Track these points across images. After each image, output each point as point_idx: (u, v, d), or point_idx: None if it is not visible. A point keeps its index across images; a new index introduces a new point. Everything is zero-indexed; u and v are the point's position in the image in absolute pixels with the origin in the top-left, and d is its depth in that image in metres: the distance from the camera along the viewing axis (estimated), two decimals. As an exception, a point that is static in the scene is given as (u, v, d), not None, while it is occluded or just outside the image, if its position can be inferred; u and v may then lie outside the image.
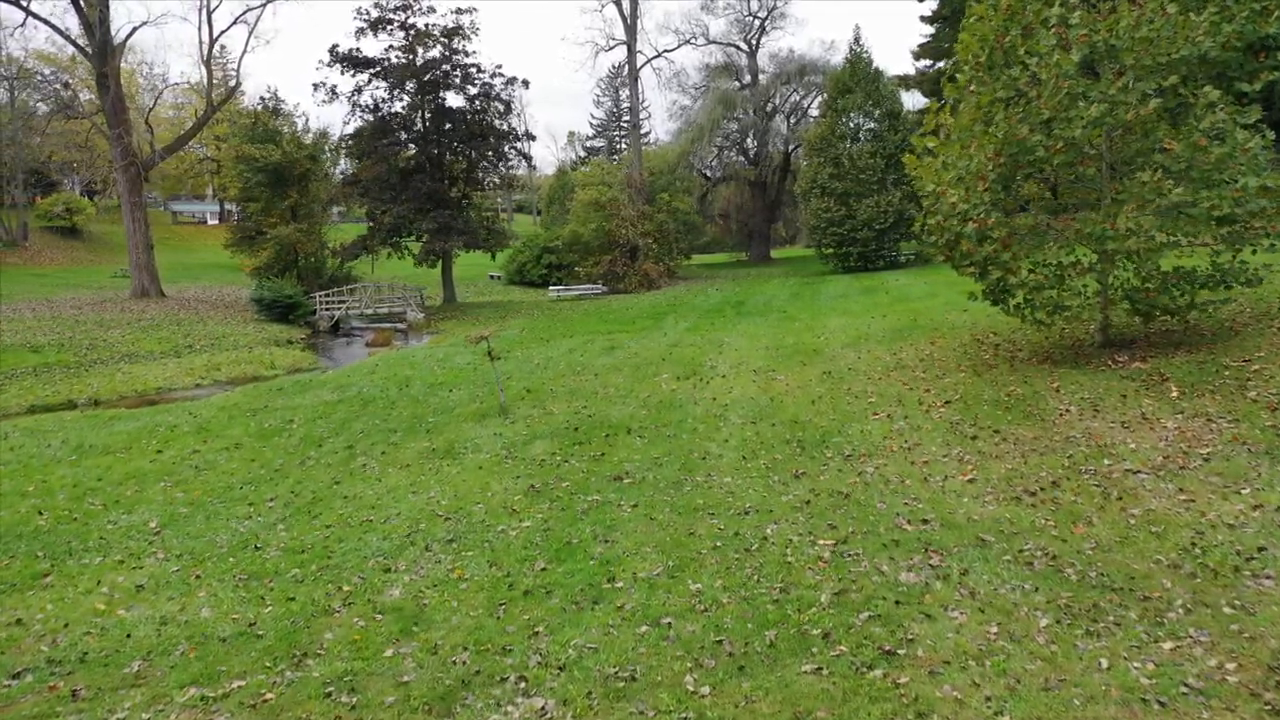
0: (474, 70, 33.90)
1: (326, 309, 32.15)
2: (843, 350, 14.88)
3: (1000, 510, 6.79)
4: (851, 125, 37.99)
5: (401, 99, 33.98)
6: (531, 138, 38.02)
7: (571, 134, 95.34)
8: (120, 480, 10.04)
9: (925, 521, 6.67)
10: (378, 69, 33.20)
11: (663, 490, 8.09)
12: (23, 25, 34.54)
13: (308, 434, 11.78)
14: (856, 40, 38.74)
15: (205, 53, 35.92)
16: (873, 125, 37.71)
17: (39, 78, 51.00)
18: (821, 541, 6.48)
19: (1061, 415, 9.21)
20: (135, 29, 38.94)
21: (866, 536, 6.51)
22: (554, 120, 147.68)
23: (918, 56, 53.11)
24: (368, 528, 7.72)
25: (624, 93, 73.38)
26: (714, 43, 54.42)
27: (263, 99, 41.26)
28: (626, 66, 47.91)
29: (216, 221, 75.13)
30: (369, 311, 33.48)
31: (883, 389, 11.56)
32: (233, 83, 46.29)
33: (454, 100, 34.95)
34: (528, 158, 37.63)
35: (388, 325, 32.19)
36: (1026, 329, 14.48)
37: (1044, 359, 12.06)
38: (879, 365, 13.19)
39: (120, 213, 35.82)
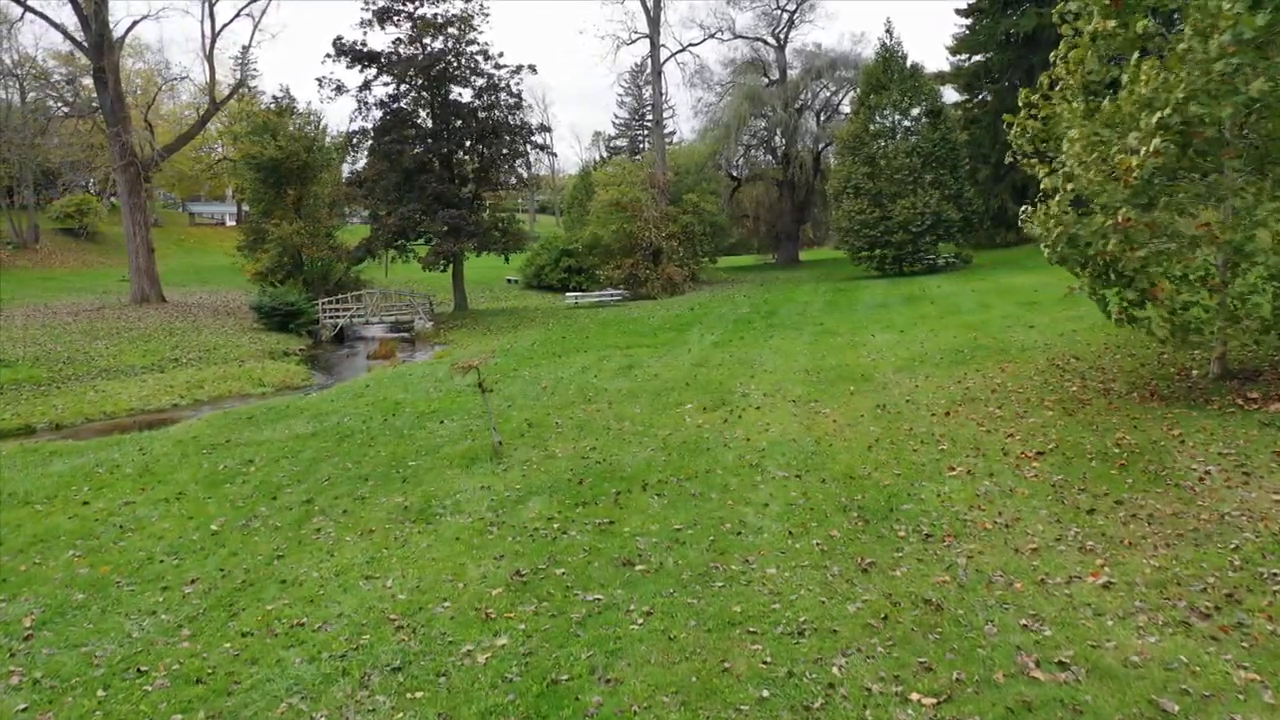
0: (480, 59, 32.06)
1: (330, 317, 30.47)
2: (895, 376, 12.84)
3: (1167, 646, 4.76)
4: (886, 123, 35.74)
5: (408, 94, 32.20)
6: (546, 130, 36.02)
7: (596, 134, 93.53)
8: (25, 545, 8.23)
9: (1062, 665, 4.66)
10: (383, 62, 31.44)
11: (686, 585, 6.14)
12: (21, 19, 32.81)
13: (265, 480, 9.93)
14: (888, 32, 36.38)
15: (208, 47, 34.44)
16: (909, 123, 35.44)
17: (55, 77, 49.92)
18: (915, 696, 4.49)
19: (1200, 479, 7.15)
20: (135, 23, 37.55)
21: (980, 689, 4.52)
22: (579, 120, 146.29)
23: (953, 51, 50.80)
24: (295, 639, 5.82)
25: (647, 91, 71.39)
26: (740, 37, 52.40)
27: (275, 98, 39.80)
28: (649, 62, 45.90)
29: (234, 223, 74.02)
30: (375, 320, 31.75)
31: (953, 431, 9.53)
32: (251, 81, 45.04)
33: (462, 95, 33.19)
34: (544, 148, 35.65)
35: (394, 335, 30.47)
36: (1116, 353, 12.40)
37: (1149, 394, 9.98)
38: (943, 397, 11.15)
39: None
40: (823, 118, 53.75)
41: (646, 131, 78.47)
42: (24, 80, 49.20)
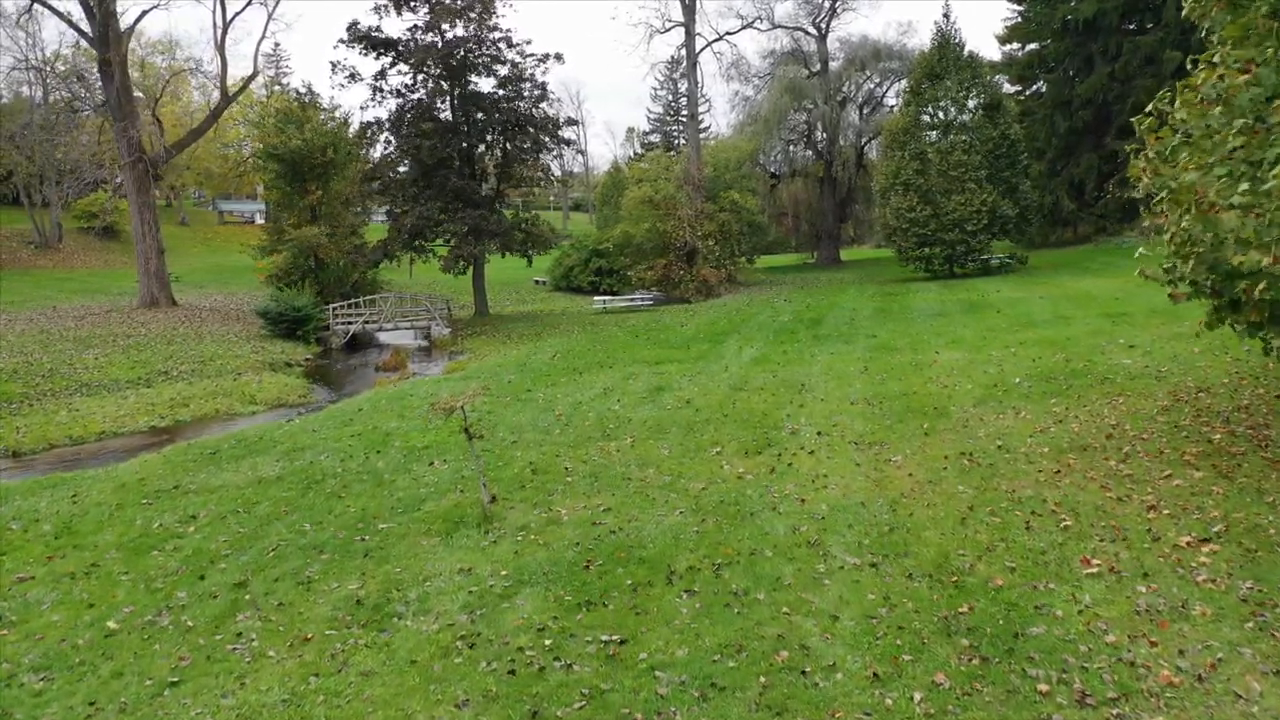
0: (503, 46, 30.13)
1: (341, 323, 28.73)
2: (977, 410, 10.62)
3: None
4: (940, 116, 33.13)
5: (426, 84, 30.34)
6: (574, 123, 33.89)
7: (630, 130, 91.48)
8: None
9: None
10: (400, 50, 29.63)
11: (728, 781, 4.07)
12: (29, 11, 31.43)
13: (199, 548, 7.99)
14: (945, 16, 33.76)
15: (219, 37, 32.85)
16: (965, 117, 32.78)
17: (80, 74, 48.87)
18: None
19: None
20: (145, 13, 35.73)
21: None
22: (614, 117, 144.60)
23: (1004, 40, 47.99)
24: None
25: (682, 85, 69.14)
26: (780, 26, 49.84)
27: (298, 92, 38.30)
28: (684, 53, 43.65)
29: (263, 221, 73.04)
30: (389, 326, 29.98)
31: (1071, 496, 7.34)
32: (284, 78, 43.50)
33: (484, 85, 31.31)
34: (569, 143, 33.53)
35: (409, 342, 28.69)
36: (1255, 384, 10.07)
37: (1324, 448, 7.71)
38: (1045, 443, 8.94)
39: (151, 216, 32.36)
40: (866, 111, 51.16)
41: (681, 126, 76.20)
42: (47, 76, 48.20)
